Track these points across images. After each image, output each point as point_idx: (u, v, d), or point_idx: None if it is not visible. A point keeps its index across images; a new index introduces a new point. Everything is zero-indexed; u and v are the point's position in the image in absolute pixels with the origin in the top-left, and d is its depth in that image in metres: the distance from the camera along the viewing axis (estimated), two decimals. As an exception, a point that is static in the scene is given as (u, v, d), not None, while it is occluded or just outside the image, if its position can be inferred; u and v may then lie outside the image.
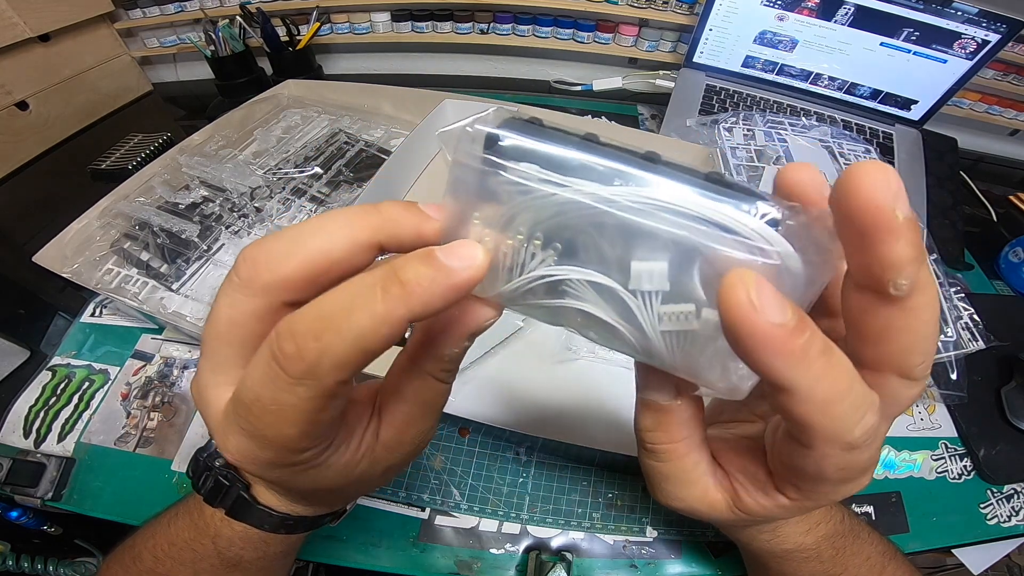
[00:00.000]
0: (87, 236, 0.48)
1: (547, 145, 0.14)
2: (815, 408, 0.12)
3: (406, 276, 0.13)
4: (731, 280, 0.11)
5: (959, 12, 0.60)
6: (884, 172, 0.11)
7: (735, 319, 0.11)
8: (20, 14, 0.65)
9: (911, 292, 0.12)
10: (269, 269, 0.14)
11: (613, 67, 0.89)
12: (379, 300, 0.13)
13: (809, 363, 0.11)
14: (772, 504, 0.18)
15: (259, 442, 0.15)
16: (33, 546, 0.45)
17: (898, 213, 0.11)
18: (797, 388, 0.12)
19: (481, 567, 0.37)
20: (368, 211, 0.15)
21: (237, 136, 0.61)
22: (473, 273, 0.13)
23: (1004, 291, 0.60)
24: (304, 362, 0.13)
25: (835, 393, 0.12)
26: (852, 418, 0.13)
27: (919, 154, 0.69)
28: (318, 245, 0.14)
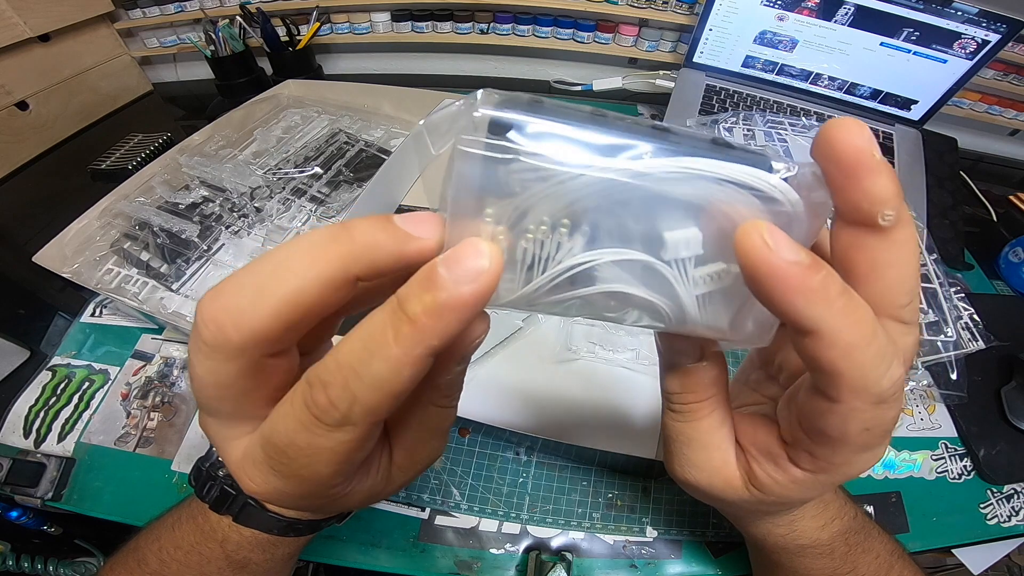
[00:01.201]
0: (87, 236, 0.48)
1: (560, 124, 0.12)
2: (841, 352, 0.13)
3: (413, 311, 0.12)
4: (745, 228, 0.12)
5: (959, 12, 0.60)
6: (859, 124, 0.13)
7: (753, 262, 0.12)
8: (20, 14, 0.65)
9: (896, 224, 0.13)
10: (237, 329, 0.12)
11: (613, 67, 0.89)
12: (392, 343, 0.12)
13: (830, 301, 0.12)
14: (785, 478, 0.18)
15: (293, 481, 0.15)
16: (33, 546, 0.46)
17: (875, 154, 0.13)
18: (821, 328, 0.12)
19: (481, 567, 0.37)
20: (337, 238, 0.13)
21: (237, 136, 0.61)
22: (486, 283, 0.12)
23: (1004, 291, 0.60)
24: (339, 411, 0.13)
25: (860, 336, 0.12)
26: (879, 367, 0.13)
27: (919, 154, 0.69)
28: (285, 292, 0.12)
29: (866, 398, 0.13)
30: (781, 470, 0.18)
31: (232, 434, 0.16)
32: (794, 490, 0.18)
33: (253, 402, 0.15)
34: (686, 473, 0.20)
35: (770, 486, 0.18)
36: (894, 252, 0.14)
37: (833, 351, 0.13)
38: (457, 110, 0.13)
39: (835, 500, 0.25)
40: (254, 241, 0.51)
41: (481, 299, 0.12)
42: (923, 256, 0.50)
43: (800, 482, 0.17)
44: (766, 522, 0.25)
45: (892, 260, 0.14)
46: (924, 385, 0.44)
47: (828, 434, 0.15)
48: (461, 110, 0.13)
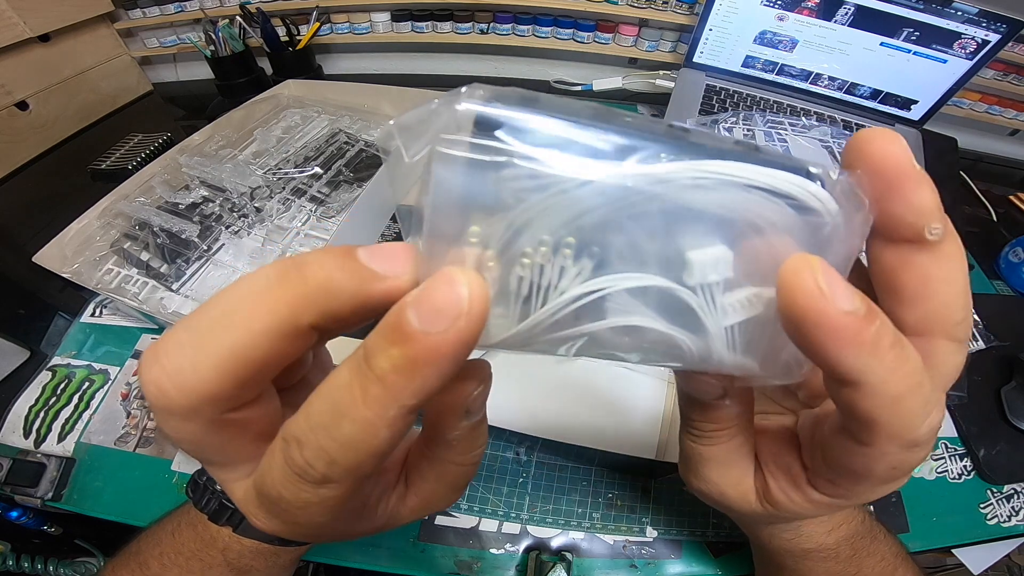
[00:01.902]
0: (87, 236, 0.48)
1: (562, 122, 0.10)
2: (884, 404, 0.11)
3: (380, 368, 0.10)
4: (795, 265, 0.10)
5: (959, 12, 0.60)
6: (895, 133, 0.12)
7: (802, 309, 0.10)
8: (20, 14, 0.65)
9: (944, 237, 0.12)
10: (181, 392, 0.11)
11: (613, 67, 0.89)
12: (361, 405, 0.10)
13: (881, 355, 0.11)
14: (802, 499, 0.17)
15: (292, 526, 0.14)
16: (33, 546, 0.45)
17: (915, 164, 0.12)
18: (867, 382, 0.11)
19: (481, 567, 0.37)
20: (285, 280, 0.11)
21: (237, 136, 0.61)
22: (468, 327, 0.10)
23: (1004, 291, 0.60)
24: (317, 471, 0.11)
25: (907, 388, 0.11)
26: (920, 416, 0.12)
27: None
28: (225, 348, 0.11)
29: (900, 444, 0.12)
30: (799, 491, 0.17)
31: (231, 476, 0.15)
32: (808, 510, 0.17)
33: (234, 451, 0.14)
34: (700, 485, 0.20)
35: (785, 504, 0.18)
36: (945, 267, 0.13)
37: (875, 402, 0.11)
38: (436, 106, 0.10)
39: None
40: (254, 241, 0.51)
41: (462, 346, 0.10)
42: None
43: (816, 503, 0.17)
44: (772, 526, 0.25)
45: (944, 276, 0.13)
46: (924, 385, 0.44)
47: (853, 470, 0.14)
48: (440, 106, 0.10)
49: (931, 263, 0.13)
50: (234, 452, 0.13)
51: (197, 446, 0.13)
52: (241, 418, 0.12)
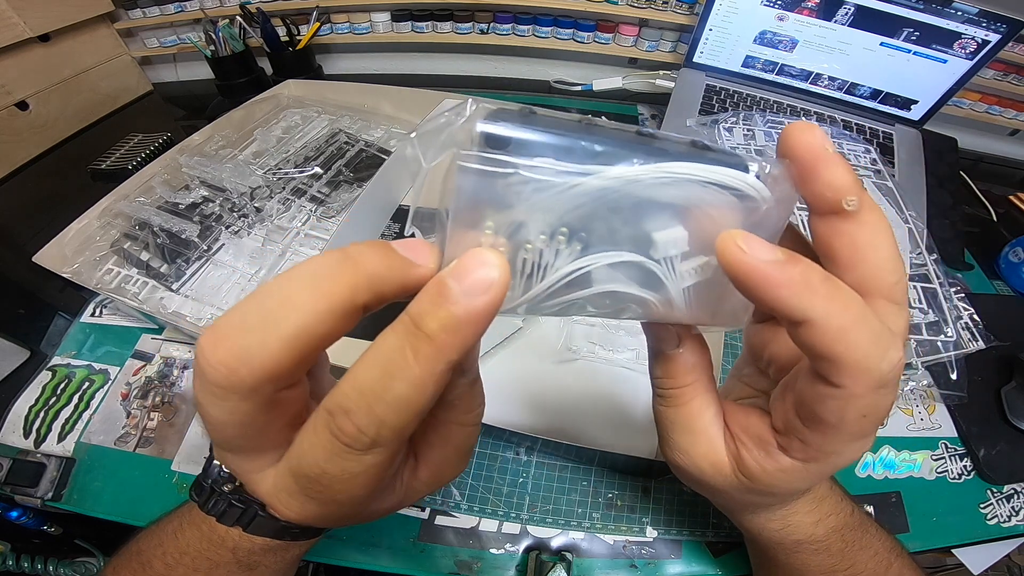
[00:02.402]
0: (87, 236, 0.48)
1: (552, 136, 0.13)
2: (835, 336, 0.13)
3: (430, 329, 0.12)
4: (722, 239, 0.13)
5: (959, 12, 0.60)
6: (812, 125, 0.14)
7: (735, 267, 0.13)
8: (20, 14, 0.65)
9: (861, 208, 0.15)
10: (250, 370, 0.12)
11: (613, 67, 0.89)
12: (413, 364, 0.12)
13: (814, 289, 0.13)
14: (774, 467, 0.18)
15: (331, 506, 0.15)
16: (33, 546, 0.45)
17: (829, 148, 0.14)
18: (811, 316, 0.13)
19: (481, 567, 0.37)
20: (342, 268, 0.13)
21: (237, 136, 0.61)
22: (498, 292, 0.12)
23: (1004, 291, 0.60)
24: (368, 436, 0.13)
25: (850, 319, 0.13)
26: (876, 349, 0.13)
27: (919, 154, 0.69)
28: (294, 326, 0.12)
29: (867, 382, 0.14)
30: (770, 458, 0.18)
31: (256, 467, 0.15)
32: (782, 479, 0.18)
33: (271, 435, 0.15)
34: (675, 456, 0.21)
35: (758, 474, 0.18)
36: (869, 233, 0.15)
37: (827, 336, 0.13)
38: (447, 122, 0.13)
39: (830, 496, 0.25)
40: (254, 241, 0.51)
41: (494, 308, 0.12)
42: (923, 256, 0.50)
43: (788, 471, 0.18)
44: (760, 516, 0.24)
45: (870, 241, 0.15)
46: (924, 385, 0.44)
47: (825, 420, 0.15)
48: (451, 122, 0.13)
49: (855, 230, 0.15)
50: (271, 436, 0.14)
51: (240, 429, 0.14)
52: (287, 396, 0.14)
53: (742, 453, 0.19)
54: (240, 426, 0.13)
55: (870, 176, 0.58)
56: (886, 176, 0.58)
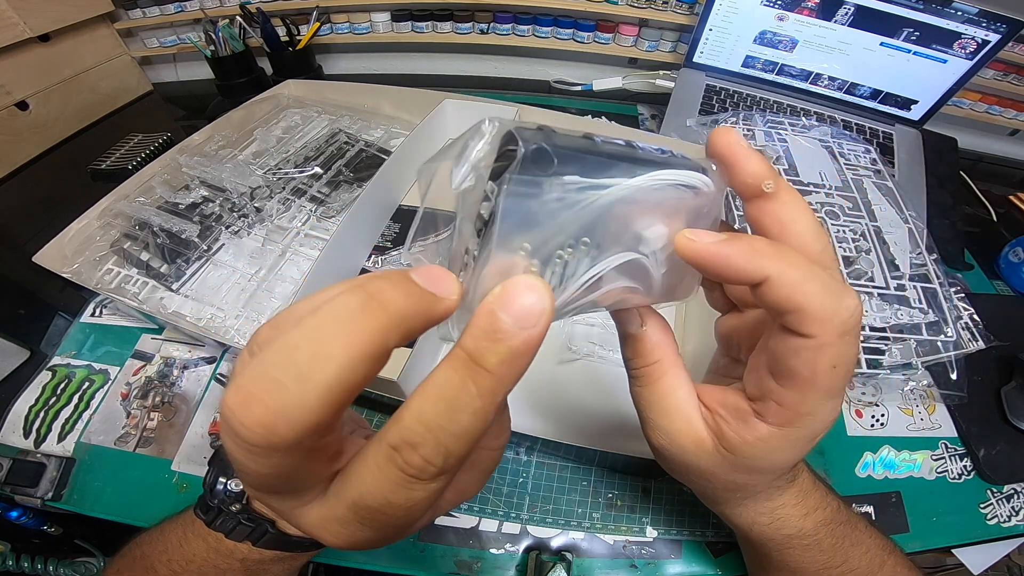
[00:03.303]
0: (87, 236, 0.48)
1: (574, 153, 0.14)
2: (793, 287, 0.15)
3: (490, 364, 0.12)
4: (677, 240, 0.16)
5: (959, 12, 0.60)
6: (728, 128, 0.17)
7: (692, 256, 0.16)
8: (20, 14, 0.65)
9: (779, 190, 0.18)
10: (290, 427, 0.12)
11: (613, 67, 0.89)
12: (476, 397, 0.12)
13: (763, 252, 0.15)
14: (753, 435, 0.19)
15: (387, 531, 0.15)
16: (33, 546, 0.45)
17: (743, 144, 0.17)
18: (767, 274, 0.15)
19: (481, 567, 0.37)
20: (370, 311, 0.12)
21: (237, 136, 0.61)
22: (547, 321, 0.13)
23: (1004, 291, 0.60)
24: (435, 466, 0.13)
25: (802, 272, 0.15)
26: (833, 296, 0.15)
27: (919, 154, 0.69)
28: (330, 377, 0.12)
29: (832, 328, 0.15)
30: (749, 427, 0.19)
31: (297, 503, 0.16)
32: (762, 449, 0.19)
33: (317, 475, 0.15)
34: (657, 438, 0.21)
35: (739, 445, 0.19)
36: (789, 209, 0.18)
37: (785, 289, 0.15)
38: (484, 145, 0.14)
39: (815, 490, 0.26)
40: (254, 241, 0.51)
41: (542, 337, 0.13)
42: (923, 256, 0.50)
43: (767, 439, 0.19)
44: (749, 508, 0.25)
45: (792, 215, 0.18)
46: (924, 385, 0.44)
47: (798, 373, 0.17)
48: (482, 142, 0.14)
49: (778, 208, 0.18)
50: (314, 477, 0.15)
51: (282, 479, 0.14)
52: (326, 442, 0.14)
53: (721, 426, 0.20)
54: (283, 477, 0.14)
55: (870, 176, 0.58)
56: (886, 176, 0.58)
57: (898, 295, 0.46)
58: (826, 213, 0.52)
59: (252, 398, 0.11)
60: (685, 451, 0.21)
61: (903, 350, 0.43)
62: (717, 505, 0.25)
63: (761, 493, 0.24)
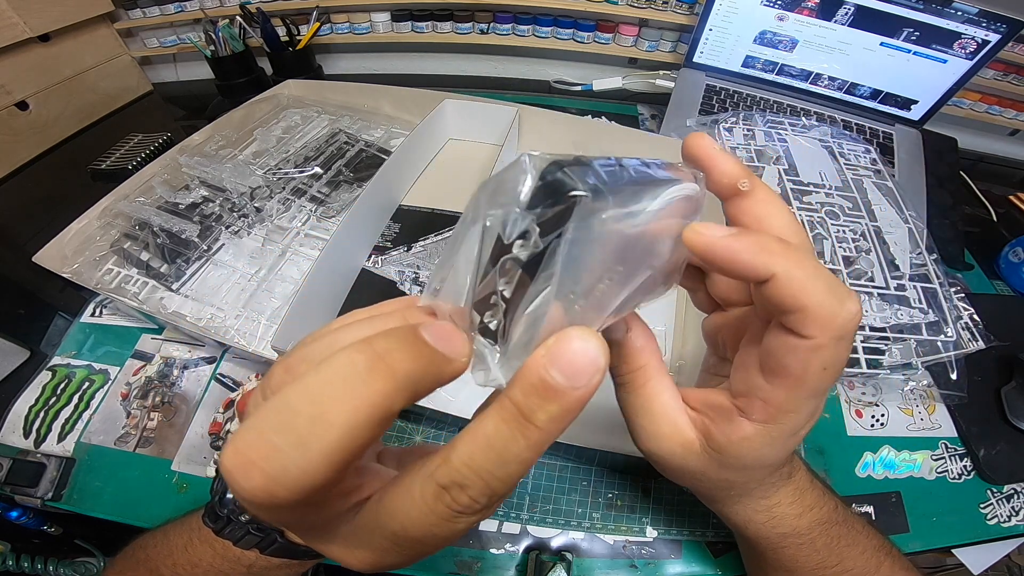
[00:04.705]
0: (87, 236, 0.48)
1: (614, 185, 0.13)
2: (799, 287, 0.15)
3: (541, 420, 0.12)
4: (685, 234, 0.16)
5: (959, 12, 0.60)
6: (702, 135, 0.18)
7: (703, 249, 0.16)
8: (20, 14, 0.65)
9: (753, 188, 0.18)
10: (288, 492, 0.11)
11: (613, 67, 0.89)
12: (525, 449, 0.13)
13: (772, 250, 0.15)
14: (739, 434, 0.19)
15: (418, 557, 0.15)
16: (33, 546, 0.45)
17: (717, 147, 0.18)
18: (775, 271, 0.15)
19: (481, 567, 0.37)
20: (376, 376, 0.12)
21: (237, 136, 0.61)
22: (600, 379, 0.13)
23: (1004, 291, 0.60)
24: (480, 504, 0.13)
25: (808, 272, 0.15)
26: (834, 298, 0.15)
27: (919, 154, 0.69)
28: (331, 442, 0.11)
29: (831, 331, 0.16)
30: (734, 425, 0.19)
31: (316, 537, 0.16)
32: (748, 447, 0.19)
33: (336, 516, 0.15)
34: (646, 443, 0.22)
35: (725, 445, 0.19)
36: (765, 205, 0.18)
37: (792, 287, 0.15)
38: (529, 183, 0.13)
39: (811, 489, 0.26)
40: (254, 241, 0.51)
41: (594, 391, 0.13)
42: (923, 256, 0.50)
43: (752, 437, 0.19)
44: (746, 506, 0.25)
45: (767, 211, 0.18)
46: (924, 385, 0.44)
47: (790, 370, 0.17)
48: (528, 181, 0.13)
49: (754, 205, 0.18)
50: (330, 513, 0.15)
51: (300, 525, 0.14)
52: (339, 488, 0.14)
53: (708, 427, 0.20)
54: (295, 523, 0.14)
55: (870, 176, 0.58)
56: (886, 176, 0.58)
57: (898, 295, 0.46)
58: (826, 213, 0.52)
59: (250, 464, 0.11)
60: (674, 454, 0.21)
61: (903, 350, 0.43)
62: (714, 504, 0.26)
63: (756, 490, 0.24)
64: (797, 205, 0.53)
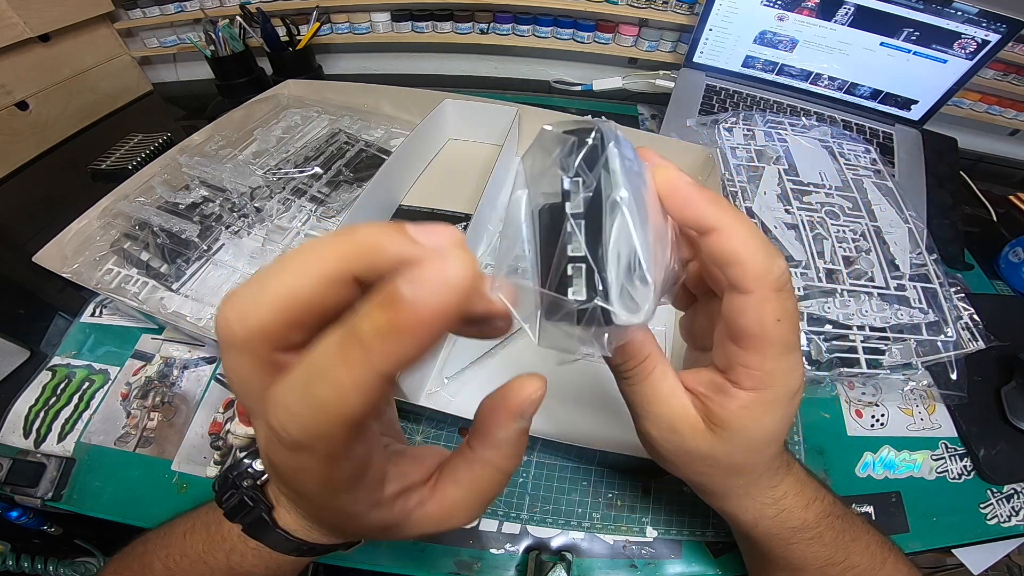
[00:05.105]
0: (87, 236, 0.48)
1: None
2: (739, 242, 0.17)
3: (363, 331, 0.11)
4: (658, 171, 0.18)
5: (959, 12, 0.60)
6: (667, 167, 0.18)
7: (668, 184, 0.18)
8: (20, 14, 0.65)
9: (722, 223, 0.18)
10: (241, 323, 0.13)
11: (613, 67, 0.89)
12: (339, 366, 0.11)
13: (720, 205, 0.17)
14: (736, 404, 0.20)
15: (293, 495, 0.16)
16: (33, 546, 0.45)
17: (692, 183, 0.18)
18: (720, 224, 0.17)
19: (481, 567, 0.37)
20: (339, 239, 0.13)
21: (237, 136, 0.61)
22: (452, 299, 0.11)
23: (1004, 291, 0.59)
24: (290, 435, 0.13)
25: (748, 230, 0.17)
26: (768, 257, 0.17)
27: (919, 154, 0.69)
28: (283, 288, 0.12)
29: (767, 284, 0.17)
30: (729, 397, 0.20)
31: None
32: (747, 416, 0.20)
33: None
34: (655, 427, 0.22)
35: (727, 416, 0.20)
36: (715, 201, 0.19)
37: (733, 241, 0.17)
38: None
39: (810, 482, 0.26)
40: (254, 241, 0.51)
41: (444, 319, 0.11)
42: (923, 256, 0.50)
43: (749, 405, 0.20)
44: (755, 500, 0.25)
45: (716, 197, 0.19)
46: (924, 385, 0.44)
47: (750, 331, 0.18)
48: None
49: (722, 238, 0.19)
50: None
51: (243, 385, 0.14)
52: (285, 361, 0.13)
53: (707, 404, 0.21)
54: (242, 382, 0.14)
55: (870, 176, 0.58)
56: (886, 176, 0.58)
57: (898, 295, 0.46)
58: (826, 213, 0.52)
59: (228, 299, 0.13)
60: (684, 436, 0.21)
61: (903, 350, 0.43)
62: (722, 500, 0.25)
63: (763, 478, 0.24)
64: (797, 205, 0.53)
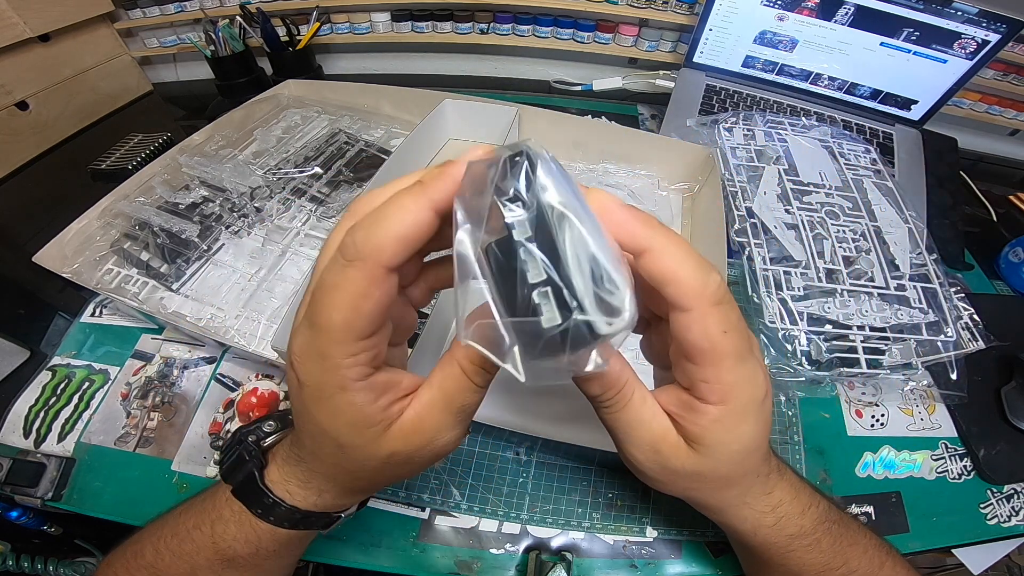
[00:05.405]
0: (87, 236, 0.48)
1: None
2: (674, 262, 0.17)
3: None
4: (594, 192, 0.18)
5: (959, 12, 0.60)
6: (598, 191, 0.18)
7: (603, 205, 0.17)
8: (20, 14, 0.65)
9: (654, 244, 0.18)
10: (377, 250, 0.16)
11: (613, 67, 0.89)
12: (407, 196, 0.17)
13: (656, 227, 0.18)
14: (707, 419, 0.20)
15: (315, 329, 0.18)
16: (33, 546, 0.46)
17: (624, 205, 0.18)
18: (655, 246, 0.17)
19: (481, 567, 0.37)
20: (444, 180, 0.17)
21: (237, 136, 0.61)
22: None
23: (1004, 291, 0.60)
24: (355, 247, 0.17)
25: (683, 250, 0.17)
26: (702, 272, 0.17)
27: (919, 154, 0.69)
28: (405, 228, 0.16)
29: (704, 299, 0.17)
30: (699, 413, 0.20)
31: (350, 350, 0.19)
32: (720, 431, 0.20)
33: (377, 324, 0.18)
34: (641, 452, 0.22)
35: (700, 432, 0.20)
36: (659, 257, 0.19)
37: (666, 260, 0.17)
38: None
39: (804, 487, 0.26)
40: (254, 241, 0.51)
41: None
42: (923, 256, 0.50)
43: (719, 419, 0.20)
44: (752, 509, 0.25)
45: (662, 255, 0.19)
46: (924, 385, 0.44)
47: (699, 346, 0.18)
48: None
49: None
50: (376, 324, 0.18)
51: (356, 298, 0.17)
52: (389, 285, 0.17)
53: (683, 424, 0.21)
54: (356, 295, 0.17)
55: (870, 176, 0.58)
56: (886, 176, 0.58)
57: (898, 295, 0.46)
58: (826, 213, 0.52)
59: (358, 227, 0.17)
60: (668, 456, 0.21)
61: (903, 350, 0.43)
62: (719, 513, 0.25)
63: (755, 486, 0.24)
64: (797, 205, 0.53)
